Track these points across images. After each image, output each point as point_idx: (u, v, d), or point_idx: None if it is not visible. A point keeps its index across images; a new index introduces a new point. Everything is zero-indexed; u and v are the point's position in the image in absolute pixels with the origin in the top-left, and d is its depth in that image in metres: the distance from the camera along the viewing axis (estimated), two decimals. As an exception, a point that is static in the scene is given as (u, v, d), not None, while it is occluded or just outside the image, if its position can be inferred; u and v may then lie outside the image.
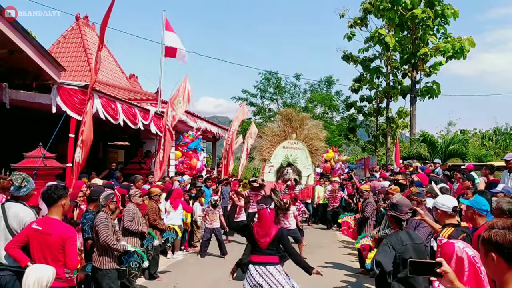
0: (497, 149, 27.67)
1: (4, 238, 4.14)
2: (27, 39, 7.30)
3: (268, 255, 4.79)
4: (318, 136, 14.60)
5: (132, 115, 10.50)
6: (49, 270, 3.34)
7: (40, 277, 3.22)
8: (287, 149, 14.18)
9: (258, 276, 4.72)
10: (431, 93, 22.60)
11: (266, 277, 4.73)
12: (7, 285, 4.05)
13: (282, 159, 13.91)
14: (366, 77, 26.39)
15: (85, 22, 17.72)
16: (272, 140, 14.52)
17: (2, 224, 4.16)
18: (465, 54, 21.00)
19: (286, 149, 14.20)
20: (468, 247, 3.09)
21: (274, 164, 14.13)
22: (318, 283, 7.90)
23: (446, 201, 4.31)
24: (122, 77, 19.11)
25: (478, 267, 2.93)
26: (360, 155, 31.18)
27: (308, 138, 14.42)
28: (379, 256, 3.63)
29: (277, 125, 15.09)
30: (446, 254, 3.11)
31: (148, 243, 7.05)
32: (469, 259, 2.98)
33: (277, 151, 14.31)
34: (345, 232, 9.76)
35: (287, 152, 14.07)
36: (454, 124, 33.59)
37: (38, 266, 3.42)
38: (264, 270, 4.75)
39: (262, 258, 4.79)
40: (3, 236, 4.15)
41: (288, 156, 13.85)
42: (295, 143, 14.35)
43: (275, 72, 36.02)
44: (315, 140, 14.44)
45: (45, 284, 3.23)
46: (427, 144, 20.14)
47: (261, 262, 4.78)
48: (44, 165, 7.83)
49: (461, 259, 3.01)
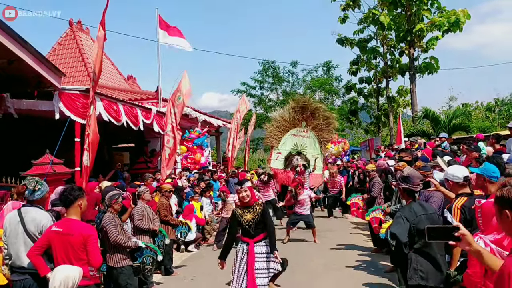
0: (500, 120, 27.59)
1: (23, 243, 4.20)
2: (25, 48, 7.32)
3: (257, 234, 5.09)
4: (329, 128, 14.35)
5: (134, 116, 10.54)
6: (76, 270, 3.41)
7: (66, 277, 3.29)
8: (296, 137, 13.99)
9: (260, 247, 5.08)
10: (430, 69, 22.48)
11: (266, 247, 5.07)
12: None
13: (291, 147, 13.80)
14: (363, 59, 26.25)
15: (79, 27, 17.70)
16: (281, 126, 14.25)
17: (20, 229, 4.23)
18: (461, 27, 20.85)
19: (295, 137, 14.00)
20: None
21: (282, 151, 14.05)
22: (333, 262, 8.01)
23: (456, 172, 4.33)
24: (120, 79, 19.13)
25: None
26: (363, 137, 31.16)
27: (318, 128, 14.21)
28: (393, 228, 3.68)
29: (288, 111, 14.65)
30: (488, 212, 3.17)
31: (159, 241, 7.12)
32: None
33: (285, 138, 14.07)
34: (355, 213, 9.83)
35: (296, 141, 13.90)
36: (455, 99, 33.50)
37: (64, 267, 3.48)
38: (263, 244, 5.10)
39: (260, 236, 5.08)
40: (22, 241, 4.21)
41: (298, 145, 13.74)
42: (304, 131, 14.14)
43: (273, 62, 35.94)
44: (325, 131, 14.22)
45: (71, 284, 3.30)
46: (430, 120, 20.11)
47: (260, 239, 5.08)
48: (53, 171, 7.92)
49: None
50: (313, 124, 14.16)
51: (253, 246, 5.03)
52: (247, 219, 5.02)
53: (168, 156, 11.69)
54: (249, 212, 5.04)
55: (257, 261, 4.99)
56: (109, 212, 5.39)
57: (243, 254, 5.10)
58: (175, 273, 7.86)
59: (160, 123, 12.13)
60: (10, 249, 4.28)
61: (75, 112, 8.48)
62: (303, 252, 8.69)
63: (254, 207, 5.06)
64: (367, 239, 9.72)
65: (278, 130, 14.17)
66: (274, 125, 14.34)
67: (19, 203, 4.81)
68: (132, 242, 5.40)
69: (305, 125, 14.11)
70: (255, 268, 4.95)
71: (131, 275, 5.33)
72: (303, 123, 14.15)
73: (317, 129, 14.15)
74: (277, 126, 14.25)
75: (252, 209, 5.05)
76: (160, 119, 12.18)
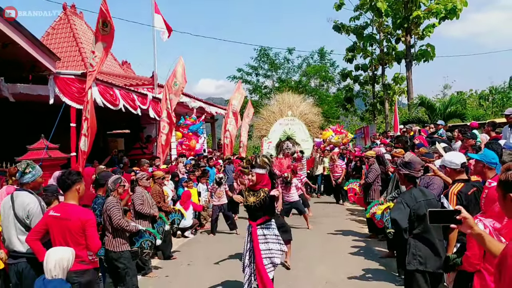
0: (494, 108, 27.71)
1: (14, 227, 4.22)
2: (20, 31, 7.22)
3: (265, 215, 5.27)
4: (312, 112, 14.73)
5: (131, 100, 10.46)
6: (68, 251, 3.40)
7: (60, 258, 3.29)
8: (284, 126, 14.31)
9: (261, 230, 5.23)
10: (426, 56, 22.47)
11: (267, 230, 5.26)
12: (23, 271, 4.13)
13: (280, 134, 13.98)
14: (359, 46, 26.13)
15: (72, 11, 17.43)
16: (269, 118, 14.65)
17: (11, 214, 4.23)
18: (458, 14, 20.80)
19: (283, 125, 14.33)
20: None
21: (272, 140, 14.20)
22: (328, 248, 8.07)
23: (454, 158, 4.34)
24: (115, 64, 18.95)
25: None
26: (358, 125, 31.22)
27: (303, 113, 14.55)
28: (394, 214, 3.69)
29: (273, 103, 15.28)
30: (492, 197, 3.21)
31: (158, 227, 7.12)
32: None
33: (274, 127, 14.43)
34: (352, 199, 9.89)
35: (285, 128, 14.16)
36: (449, 87, 33.63)
37: (57, 249, 3.47)
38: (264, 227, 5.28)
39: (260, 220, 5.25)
40: (12, 225, 4.22)
41: (286, 131, 13.91)
42: (291, 119, 14.45)
43: (269, 48, 35.70)
44: (310, 114, 14.54)
45: (66, 265, 3.30)
46: (425, 107, 20.16)
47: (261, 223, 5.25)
48: (48, 156, 7.86)
49: None
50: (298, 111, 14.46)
51: (255, 229, 5.24)
52: (250, 201, 5.27)
53: (164, 142, 11.65)
54: (253, 195, 5.28)
55: (260, 243, 5.20)
56: (112, 196, 5.38)
57: (248, 235, 5.37)
58: (173, 257, 7.90)
59: (156, 109, 12.06)
60: (4, 233, 4.31)
61: (70, 97, 8.40)
62: (299, 239, 8.73)
63: (259, 192, 5.26)
64: (363, 226, 9.78)
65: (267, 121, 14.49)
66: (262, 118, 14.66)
67: (13, 188, 4.78)
68: (132, 226, 5.42)
69: (291, 114, 14.39)
70: (261, 250, 5.16)
71: (129, 260, 5.34)
72: (289, 112, 14.42)
73: (303, 114, 14.45)
74: (264, 118, 14.57)
75: (256, 193, 5.27)
76: (156, 105, 12.10)
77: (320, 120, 15.22)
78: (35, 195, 4.38)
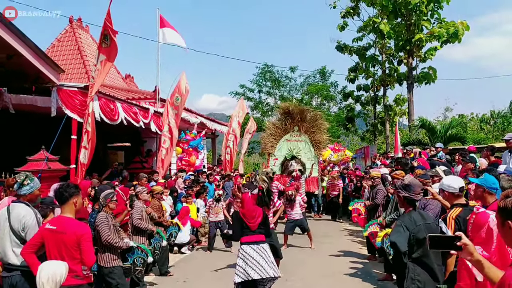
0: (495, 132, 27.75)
1: (9, 240, 4.17)
2: (25, 43, 7.28)
3: (259, 234, 5.28)
4: (320, 129, 14.60)
5: (133, 113, 10.50)
6: (62, 266, 3.35)
7: (53, 273, 3.24)
8: (290, 142, 14.21)
9: (255, 253, 5.16)
10: (428, 79, 22.62)
11: (261, 253, 5.19)
12: (17, 284, 4.07)
13: (286, 152, 13.92)
14: (361, 66, 26.33)
15: (78, 25, 17.64)
16: (275, 133, 14.52)
17: (7, 226, 4.19)
18: (460, 38, 21.00)
19: (289, 142, 14.23)
20: None
21: (278, 157, 14.15)
22: (326, 269, 7.99)
23: (452, 182, 4.32)
24: (118, 77, 19.08)
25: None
26: (359, 145, 31.23)
27: (310, 131, 14.44)
28: (393, 237, 3.65)
29: (278, 118, 15.09)
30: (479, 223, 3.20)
31: (155, 242, 7.07)
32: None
33: (280, 144, 14.34)
34: (355, 219, 9.83)
35: (290, 145, 14.08)
36: (451, 109, 33.67)
37: (50, 263, 3.43)
38: (259, 247, 5.22)
39: (255, 238, 5.25)
40: (8, 237, 4.17)
41: (292, 149, 13.86)
42: (297, 136, 14.37)
43: (272, 65, 35.96)
44: (317, 133, 14.45)
45: (59, 279, 3.26)
46: (426, 129, 20.19)
47: (255, 241, 5.24)
48: (48, 167, 7.86)
49: (491, 230, 3.11)
50: (305, 127, 14.40)
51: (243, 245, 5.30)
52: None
53: (164, 157, 11.64)
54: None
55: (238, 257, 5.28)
56: (103, 211, 5.34)
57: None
58: (170, 274, 7.81)
59: (158, 123, 12.08)
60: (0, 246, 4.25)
61: (73, 109, 8.42)
62: (297, 258, 8.66)
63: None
64: (361, 246, 9.70)
65: (273, 137, 14.39)
66: (268, 133, 14.57)
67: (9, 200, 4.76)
68: (123, 243, 5.36)
69: (297, 129, 14.33)
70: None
71: (121, 275, 5.29)
72: (295, 127, 14.37)
73: (309, 132, 14.39)
74: (271, 134, 14.48)
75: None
76: (157, 119, 12.13)
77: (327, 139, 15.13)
78: (31, 207, 4.35)
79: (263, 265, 5.10)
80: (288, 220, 9.81)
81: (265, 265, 5.12)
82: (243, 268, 5.17)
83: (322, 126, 14.64)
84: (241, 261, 5.21)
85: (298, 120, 14.40)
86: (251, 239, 5.24)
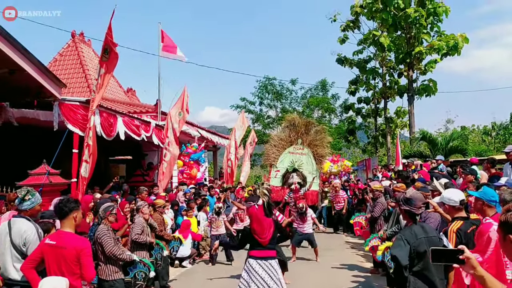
0: (496, 144, 27.72)
1: (10, 255, 4.17)
2: (27, 58, 7.33)
3: (269, 249, 5.11)
4: (323, 143, 14.62)
5: (135, 126, 10.53)
6: (62, 281, 3.35)
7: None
8: (293, 155, 14.22)
9: (261, 269, 5.00)
10: (428, 91, 22.68)
11: (268, 270, 5.02)
12: None
13: (288, 165, 13.93)
14: (362, 79, 26.46)
15: (81, 39, 17.81)
16: (278, 145, 14.56)
17: (7, 240, 4.19)
18: (460, 50, 21.12)
19: (292, 155, 14.24)
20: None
21: (280, 169, 14.15)
22: (329, 282, 7.93)
23: (452, 196, 4.31)
24: (120, 91, 19.18)
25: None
26: (361, 157, 31.20)
27: (313, 144, 14.46)
28: (394, 251, 3.63)
29: (283, 130, 15.13)
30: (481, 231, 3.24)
31: (156, 253, 7.06)
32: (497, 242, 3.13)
33: (283, 156, 14.36)
34: (358, 233, 9.80)
35: (293, 158, 14.09)
36: (452, 121, 33.69)
37: (51, 278, 3.43)
38: (267, 264, 5.04)
39: (264, 253, 5.08)
40: (8, 252, 4.18)
41: (294, 162, 13.87)
42: (300, 149, 14.38)
43: (273, 78, 36.10)
44: (320, 147, 14.47)
45: None
46: (427, 142, 20.16)
47: (263, 257, 5.06)
48: (49, 181, 7.87)
49: (489, 239, 3.16)
50: (308, 140, 14.41)
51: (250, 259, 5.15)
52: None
53: (165, 170, 11.64)
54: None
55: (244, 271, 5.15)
56: (103, 224, 5.34)
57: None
58: None
59: (160, 136, 12.11)
60: (0, 260, 4.24)
61: (74, 123, 8.45)
62: (300, 271, 8.60)
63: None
64: (363, 260, 9.65)
65: (276, 149, 14.40)
66: (272, 144, 14.58)
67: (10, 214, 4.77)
68: (126, 255, 5.35)
69: (300, 142, 14.34)
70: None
71: (123, 288, 5.26)
72: (299, 140, 14.38)
73: (312, 145, 14.39)
74: (274, 145, 14.49)
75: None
76: (159, 132, 12.16)
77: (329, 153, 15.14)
78: (32, 222, 4.36)
79: (268, 282, 4.96)
80: (297, 233, 9.75)
81: (270, 282, 4.98)
82: (247, 282, 5.10)
83: (325, 140, 14.67)
84: (246, 274, 5.12)
85: (302, 133, 14.43)
86: (260, 254, 5.07)
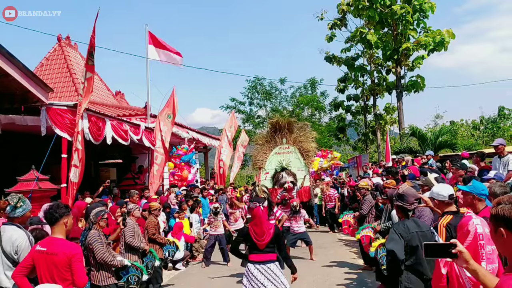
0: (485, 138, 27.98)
1: (1, 262, 4.12)
2: (12, 63, 7.25)
3: (267, 253, 4.96)
4: (307, 138, 14.72)
5: (123, 131, 10.44)
6: None
7: None
8: (279, 155, 14.30)
9: (260, 274, 4.88)
10: (417, 87, 22.85)
11: (267, 274, 4.89)
12: None
13: (276, 165, 13.99)
14: (351, 76, 26.57)
15: (67, 43, 17.66)
16: (264, 147, 14.64)
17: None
18: (446, 46, 21.31)
19: (279, 155, 14.31)
20: (482, 225, 3.31)
21: (269, 170, 14.20)
22: (321, 280, 7.95)
23: (441, 190, 4.33)
24: (108, 94, 19.05)
25: (480, 243, 3.21)
26: (351, 154, 31.33)
27: (297, 141, 14.56)
28: (390, 245, 3.65)
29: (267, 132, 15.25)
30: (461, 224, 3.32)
31: (148, 261, 6.99)
32: (475, 234, 3.24)
33: (270, 157, 14.42)
34: (346, 231, 9.82)
35: (280, 158, 14.16)
36: (441, 116, 33.92)
37: (44, 286, 3.39)
38: (265, 268, 4.91)
39: (262, 257, 4.95)
40: (0, 260, 4.12)
41: (281, 161, 13.92)
42: (286, 148, 14.46)
43: (262, 78, 36.07)
44: (304, 142, 14.56)
45: None
46: (416, 137, 20.32)
47: (261, 261, 4.93)
48: (38, 187, 7.78)
49: (468, 231, 3.23)
50: (292, 138, 14.51)
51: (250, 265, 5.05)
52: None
53: (156, 173, 11.60)
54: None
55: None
56: (94, 229, 5.29)
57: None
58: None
59: (150, 138, 12.06)
60: None
61: (62, 128, 8.37)
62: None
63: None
64: (356, 257, 9.69)
65: (263, 152, 14.48)
66: (258, 148, 14.66)
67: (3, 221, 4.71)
68: (117, 261, 5.31)
69: (285, 141, 14.43)
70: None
71: (115, 294, 5.22)
72: (284, 139, 14.47)
73: (297, 142, 14.48)
74: (261, 149, 14.57)
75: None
76: (149, 135, 12.11)
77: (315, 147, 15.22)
78: (23, 229, 4.31)
79: (268, 287, 4.86)
80: (290, 233, 9.75)
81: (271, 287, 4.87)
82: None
83: (308, 135, 14.78)
84: (246, 280, 5.01)
85: (286, 132, 14.56)
86: (257, 258, 4.97)
